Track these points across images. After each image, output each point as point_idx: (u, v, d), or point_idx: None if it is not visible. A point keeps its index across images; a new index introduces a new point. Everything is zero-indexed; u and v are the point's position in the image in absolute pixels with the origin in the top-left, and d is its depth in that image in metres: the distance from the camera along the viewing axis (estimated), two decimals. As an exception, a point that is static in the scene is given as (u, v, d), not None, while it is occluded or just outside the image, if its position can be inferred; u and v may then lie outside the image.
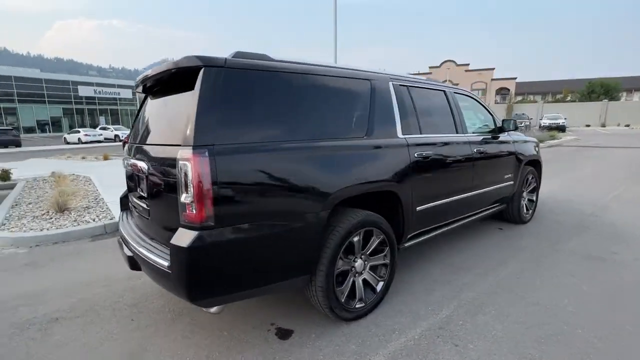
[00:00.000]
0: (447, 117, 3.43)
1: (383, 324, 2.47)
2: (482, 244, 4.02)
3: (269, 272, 2.04)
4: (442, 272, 3.30)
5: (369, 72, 2.76)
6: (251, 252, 1.93)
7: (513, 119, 4.14)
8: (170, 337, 2.39)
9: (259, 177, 1.93)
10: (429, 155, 2.95)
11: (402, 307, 2.70)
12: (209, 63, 1.89)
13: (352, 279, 2.50)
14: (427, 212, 3.03)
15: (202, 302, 1.89)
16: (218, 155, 1.78)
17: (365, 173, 2.42)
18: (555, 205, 5.66)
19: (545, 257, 3.58)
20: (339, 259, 2.34)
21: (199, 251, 1.75)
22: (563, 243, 3.98)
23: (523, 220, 4.64)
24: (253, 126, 1.99)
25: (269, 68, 2.13)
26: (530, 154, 4.57)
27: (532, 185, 4.81)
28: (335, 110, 2.43)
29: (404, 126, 2.86)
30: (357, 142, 2.45)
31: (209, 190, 1.74)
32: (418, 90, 3.17)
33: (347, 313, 2.43)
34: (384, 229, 2.59)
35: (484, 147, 3.69)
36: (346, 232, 2.32)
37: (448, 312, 2.61)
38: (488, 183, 3.82)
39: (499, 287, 2.98)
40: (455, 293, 2.89)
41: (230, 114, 1.90)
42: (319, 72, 2.38)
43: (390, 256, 2.69)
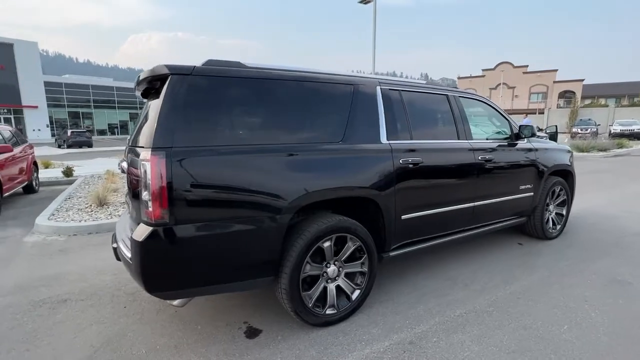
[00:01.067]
0: (447, 123, 3.27)
1: (353, 333, 2.42)
2: (492, 258, 3.74)
3: (225, 270, 2.11)
4: (436, 285, 3.13)
5: (352, 77, 2.74)
6: (206, 251, 2.02)
7: (530, 125, 3.80)
8: (151, 325, 2.56)
9: (216, 179, 2.01)
10: (418, 162, 2.83)
11: (379, 318, 2.61)
12: (175, 71, 2.03)
13: (323, 284, 2.49)
14: (416, 222, 2.90)
15: (160, 294, 2.02)
16: (175, 157, 1.90)
17: (336, 178, 2.40)
18: (596, 220, 5.07)
19: (560, 278, 3.23)
20: (306, 263, 2.34)
21: (152, 246, 1.88)
22: (587, 263, 3.56)
23: (548, 236, 4.22)
24: (217, 130, 2.09)
25: (237, 75, 2.22)
26: (556, 164, 4.15)
27: (560, 198, 4.36)
28: (307, 115, 2.45)
29: (391, 131, 2.78)
30: (328, 146, 2.44)
31: (164, 190, 1.87)
32: (413, 95, 3.06)
33: (314, 318, 2.42)
34: (360, 235, 2.54)
35: (492, 155, 3.44)
36: (313, 237, 2.32)
37: (425, 328, 2.48)
38: (499, 194, 3.55)
39: (493, 306, 2.76)
40: (441, 308, 2.73)
41: (193, 119, 2.02)
42: (292, 77, 2.42)
43: (368, 264, 2.63)
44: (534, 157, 3.89)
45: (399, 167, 2.72)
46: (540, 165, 3.94)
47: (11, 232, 5.02)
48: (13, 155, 6.82)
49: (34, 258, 4.01)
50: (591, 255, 3.76)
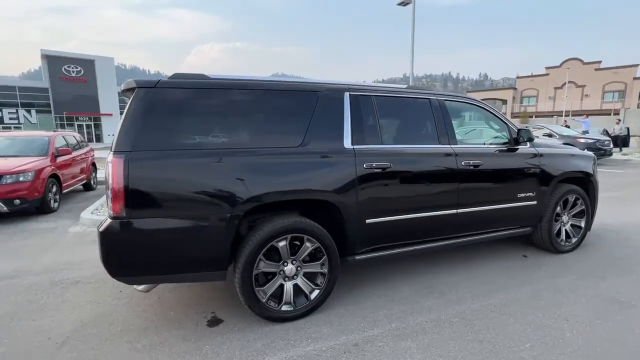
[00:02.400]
0: (426, 127, 3.20)
1: (304, 331, 2.51)
2: (486, 268, 3.55)
3: (176, 262, 2.35)
4: (411, 292, 3.08)
5: (317, 84, 2.84)
6: (159, 243, 2.27)
7: (527, 129, 3.53)
8: (134, 308, 2.90)
9: (169, 179, 2.26)
10: (385, 166, 2.83)
11: (336, 318, 2.67)
12: (141, 85, 2.32)
13: (279, 282, 2.61)
14: (384, 227, 2.90)
15: (122, 278, 2.31)
16: (132, 159, 2.18)
17: (288, 181, 2.52)
18: (633, 236, 4.50)
19: (552, 294, 2.98)
20: (260, 260, 2.49)
21: (111, 236, 2.18)
22: (593, 281, 3.22)
23: (559, 249, 3.87)
24: (176, 136, 2.34)
25: (199, 86, 2.46)
26: (567, 170, 3.80)
27: (577, 208, 3.97)
28: (266, 121, 2.61)
29: (357, 136, 2.82)
30: (283, 151, 2.56)
31: (121, 188, 2.15)
32: (388, 100, 3.06)
33: (268, 312, 2.55)
34: (318, 237, 2.62)
35: (481, 160, 3.28)
36: (267, 236, 2.46)
37: (377, 332, 2.48)
38: (489, 201, 3.37)
39: (459, 317, 2.66)
40: (403, 315, 2.70)
41: (154, 126, 2.29)
42: (252, 86, 2.60)
43: (328, 266, 2.70)
44: (537, 163, 3.62)
45: (363, 172, 2.75)
46: (546, 171, 3.65)
47: (61, 223, 5.85)
48: (72, 157, 7.90)
49: (70, 246, 4.67)
50: (603, 273, 3.39)
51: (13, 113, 34.40)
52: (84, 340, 2.46)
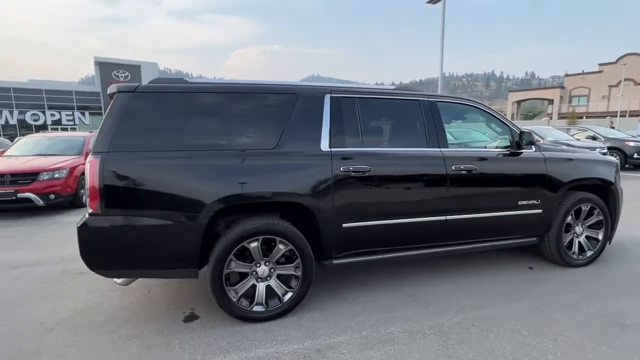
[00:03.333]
0: (414, 130, 3.08)
1: (272, 332, 2.52)
2: (484, 279, 3.34)
3: (151, 258, 2.45)
4: (392, 299, 2.98)
5: (297, 87, 2.84)
6: (131, 239, 2.39)
7: (529, 131, 3.26)
8: (123, 300, 3.06)
9: (142, 179, 2.37)
10: (364, 169, 2.77)
11: (307, 323, 2.65)
12: (121, 89, 2.46)
13: (252, 282, 2.64)
14: (363, 232, 2.83)
15: (99, 271, 2.46)
16: (107, 160, 2.32)
17: (258, 183, 2.55)
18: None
19: (548, 312, 2.75)
20: (231, 260, 2.53)
21: (87, 231, 2.33)
22: (600, 300, 2.92)
23: (569, 263, 3.55)
24: (152, 137, 2.45)
25: (177, 90, 2.56)
26: (579, 177, 3.48)
27: (593, 219, 3.63)
28: (242, 123, 2.66)
29: (336, 139, 2.79)
30: (256, 152, 2.59)
31: (96, 186, 2.30)
32: (373, 102, 3.00)
33: (238, 312, 2.59)
34: (292, 239, 2.62)
35: (475, 164, 3.10)
36: (238, 236, 2.50)
37: (344, 339, 2.43)
38: (484, 208, 3.18)
39: (436, 329, 2.53)
40: (377, 323, 2.62)
41: (130, 128, 2.42)
42: (229, 89, 2.66)
43: (302, 269, 2.69)
44: (542, 169, 3.34)
45: (339, 175, 2.71)
46: (553, 178, 3.36)
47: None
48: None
49: (88, 238, 5.03)
50: (615, 292, 3.06)
51: (70, 115, 37.72)
52: (71, 327, 2.64)
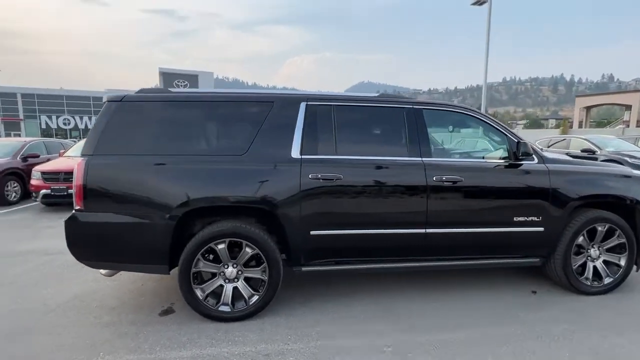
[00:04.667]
0: (394, 138, 2.99)
1: (232, 333, 2.59)
2: (472, 299, 3.10)
3: (124, 252, 2.67)
4: (364, 312, 2.90)
5: (274, 95, 2.91)
6: (109, 234, 2.62)
7: (525, 142, 2.95)
8: (118, 290, 3.35)
9: (120, 180, 2.61)
10: (334, 177, 2.74)
11: (269, 327, 2.68)
12: (110, 99, 2.73)
13: (219, 282, 2.75)
14: (333, 241, 2.80)
15: (84, 262, 2.73)
16: (91, 162, 2.58)
17: (223, 188, 2.65)
18: None
19: (533, 342, 2.48)
20: (198, 260, 2.66)
21: (72, 226, 2.60)
22: (602, 334, 2.56)
23: (581, 289, 3.15)
24: (134, 142, 2.68)
25: (160, 99, 2.78)
26: (594, 193, 3.09)
27: (613, 241, 3.19)
28: (216, 130, 2.79)
29: (308, 146, 2.80)
30: (226, 158, 2.69)
31: (80, 185, 2.57)
32: (350, 110, 2.97)
33: (204, 309, 2.70)
34: (258, 243, 2.68)
35: (461, 175, 2.91)
36: (205, 238, 2.63)
37: (298, 347, 2.43)
38: (471, 223, 2.96)
39: (396, 347, 2.42)
40: (336, 334, 2.58)
41: (115, 133, 2.67)
42: (207, 98, 2.81)
43: (268, 273, 2.73)
44: (546, 182, 3.02)
45: (307, 182, 2.72)
46: (557, 193, 3.02)
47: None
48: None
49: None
50: (625, 327, 2.67)
51: (136, 121, 41.87)
52: (67, 310, 2.96)
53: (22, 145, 8.65)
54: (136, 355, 2.34)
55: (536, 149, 3.16)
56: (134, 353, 2.36)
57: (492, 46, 13.81)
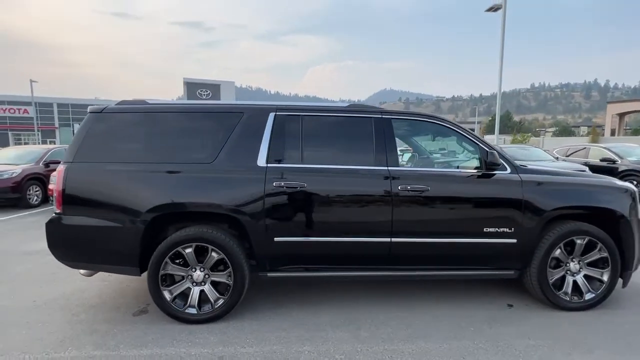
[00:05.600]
0: (361, 148, 3.02)
1: (196, 334, 2.68)
2: (445, 311, 3.05)
3: (99, 254, 2.83)
4: (327, 321, 2.91)
5: (243, 105, 3.03)
6: (85, 237, 2.80)
7: (493, 152, 2.89)
8: (102, 289, 3.53)
9: (95, 186, 2.79)
10: (297, 185, 2.81)
11: (232, 331, 2.75)
12: (92, 110, 2.94)
13: (187, 285, 2.86)
14: (297, 247, 2.86)
15: (64, 262, 2.91)
16: (70, 169, 2.78)
17: (190, 194, 2.77)
18: None
19: (491, 356, 2.42)
20: (166, 263, 2.79)
21: (52, 228, 2.80)
22: (566, 351, 2.46)
23: (559, 304, 3.04)
24: (111, 150, 2.87)
25: (137, 110, 2.96)
26: (570, 204, 3.00)
27: (594, 255, 3.06)
28: (188, 139, 2.93)
29: (274, 155, 2.89)
30: (193, 166, 2.82)
31: (60, 190, 2.76)
32: (318, 120, 3.04)
33: (172, 311, 2.81)
34: (224, 248, 2.78)
35: (428, 184, 2.90)
36: (173, 242, 2.75)
37: (253, 351, 2.49)
38: (437, 233, 2.94)
39: (348, 355, 2.43)
40: (294, 340, 2.62)
41: (95, 142, 2.87)
42: (179, 109, 2.98)
43: (233, 277, 2.82)
44: (518, 193, 2.95)
45: (272, 190, 2.80)
46: (530, 204, 2.95)
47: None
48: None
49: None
50: (596, 345, 2.55)
51: (161, 128, 43.58)
52: (51, 306, 3.17)
53: (45, 151, 9.26)
54: (100, 352, 2.47)
55: (509, 158, 3.11)
56: (100, 349, 2.50)
57: (518, 52, 13.57)
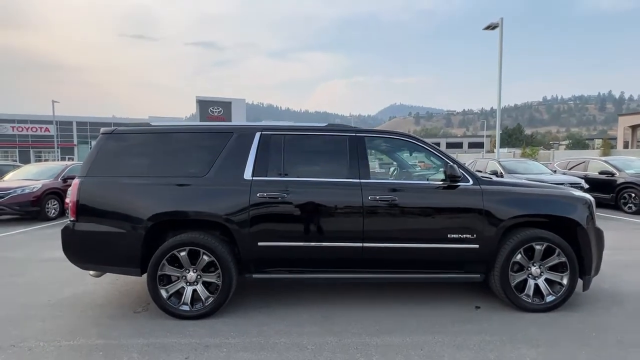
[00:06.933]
0: (337, 162, 3.39)
1: (187, 328, 3.03)
2: (413, 311, 3.32)
3: (107, 257, 3.23)
4: (305, 317, 3.23)
5: (234, 126, 3.46)
6: (95, 241, 3.21)
7: (453, 165, 3.21)
8: (109, 290, 3.92)
9: (104, 197, 3.23)
10: (278, 195, 3.19)
11: (220, 325, 3.09)
12: (104, 132, 3.42)
13: (181, 285, 3.23)
14: (278, 251, 3.21)
15: (77, 264, 3.32)
16: (83, 182, 3.23)
17: (184, 204, 3.18)
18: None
19: (438, 349, 2.70)
20: (164, 265, 3.17)
21: (66, 233, 3.23)
22: (516, 347, 2.71)
23: (521, 306, 3.28)
24: (119, 166, 3.31)
25: (141, 131, 3.42)
26: (526, 213, 3.28)
27: (553, 260, 3.31)
28: (185, 155, 3.36)
29: (259, 169, 3.29)
30: (188, 180, 3.23)
31: (75, 200, 3.21)
32: (299, 138, 3.45)
33: (168, 308, 3.16)
34: (214, 252, 3.15)
35: (395, 195, 3.24)
36: (168, 246, 3.14)
37: (233, 341, 2.82)
38: (405, 239, 3.25)
39: (316, 346, 2.75)
40: (272, 334, 2.94)
41: (106, 159, 3.32)
42: (177, 130, 3.42)
43: (222, 278, 3.18)
44: (479, 202, 3.26)
45: (256, 200, 3.18)
46: (489, 212, 3.25)
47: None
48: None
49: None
50: (542, 341, 2.79)
51: (174, 145, 44.86)
52: (64, 304, 3.57)
53: (63, 168, 9.92)
54: (103, 341, 2.85)
55: (471, 171, 3.43)
56: (103, 339, 2.88)
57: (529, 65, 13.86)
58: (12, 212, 8.57)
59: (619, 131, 40.90)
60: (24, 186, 8.66)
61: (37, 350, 2.73)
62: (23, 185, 8.73)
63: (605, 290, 3.84)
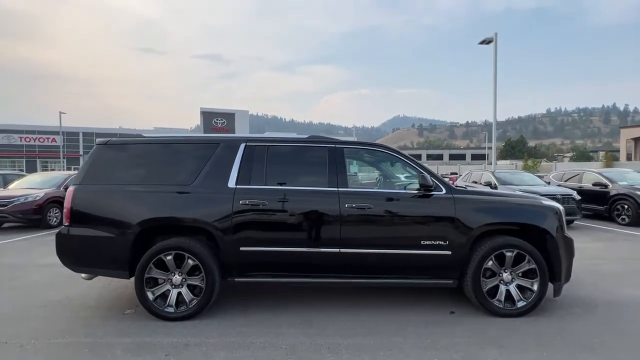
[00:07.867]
0: (317, 172, 3.58)
1: (172, 328, 3.19)
2: (387, 316, 3.45)
3: (99, 260, 3.42)
4: (287, 321, 3.37)
5: (220, 137, 3.68)
6: (87, 245, 3.40)
7: (424, 175, 3.38)
8: (102, 293, 4.09)
9: (96, 203, 3.43)
10: (259, 202, 3.37)
11: (203, 326, 3.24)
12: (99, 142, 3.65)
13: (167, 287, 3.39)
14: (259, 256, 3.38)
15: (69, 267, 3.51)
16: (77, 189, 3.45)
17: (170, 210, 3.37)
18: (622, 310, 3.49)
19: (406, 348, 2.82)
20: (150, 268, 3.35)
21: (60, 237, 3.43)
22: (476, 350, 2.83)
23: (493, 311, 3.40)
24: (111, 175, 3.53)
25: (133, 142, 3.65)
26: (496, 221, 3.43)
27: (524, 267, 3.44)
28: (174, 165, 3.57)
29: (242, 178, 3.48)
30: (175, 187, 3.43)
31: (69, 206, 3.41)
32: (282, 149, 3.65)
33: (154, 309, 3.32)
34: (198, 256, 3.32)
35: (370, 203, 3.41)
36: (155, 250, 3.32)
37: (212, 341, 2.96)
38: (380, 245, 3.41)
39: (289, 346, 2.88)
40: (250, 335, 3.08)
41: (98, 167, 3.54)
42: (167, 141, 3.65)
43: (205, 281, 3.34)
44: (451, 211, 3.42)
45: (238, 207, 3.37)
46: (460, 220, 3.40)
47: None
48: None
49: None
50: (503, 345, 2.91)
51: (178, 155, 45.46)
52: (57, 306, 3.74)
53: (66, 177, 10.21)
54: (91, 339, 3.01)
55: (444, 181, 3.59)
56: (91, 337, 3.04)
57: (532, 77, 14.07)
58: (15, 220, 8.83)
59: (621, 143, 40.87)
60: (27, 195, 8.93)
61: (28, 347, 2.89)
62: (26, 193, 9.00)
63: (581, 297, 3.94)
